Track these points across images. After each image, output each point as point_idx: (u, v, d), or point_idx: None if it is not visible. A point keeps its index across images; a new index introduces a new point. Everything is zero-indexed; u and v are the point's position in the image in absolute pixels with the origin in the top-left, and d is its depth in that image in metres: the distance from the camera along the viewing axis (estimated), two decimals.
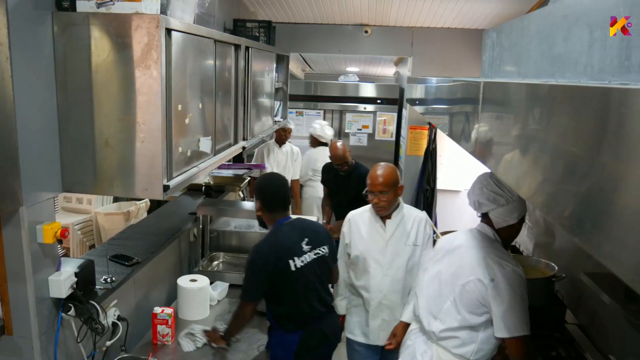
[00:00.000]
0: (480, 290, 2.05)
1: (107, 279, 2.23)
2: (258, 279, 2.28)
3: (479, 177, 2.22)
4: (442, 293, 2.19)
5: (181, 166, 2.07)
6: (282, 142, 5.03)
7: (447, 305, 2.15)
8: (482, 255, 2.09)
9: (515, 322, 2.03)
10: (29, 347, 1.83)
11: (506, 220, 2.14)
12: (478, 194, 2.15)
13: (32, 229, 1.77)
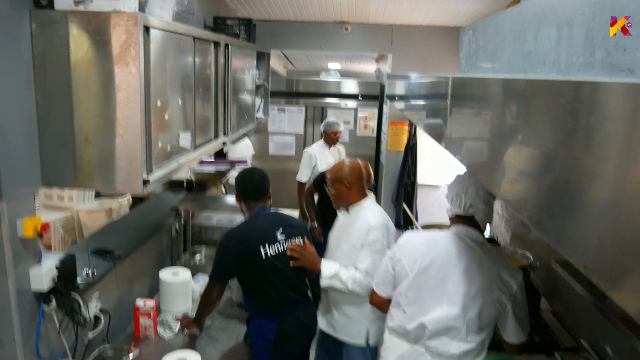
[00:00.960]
0: (499, 308, 2.00)
1: (88, 272, 2.26)
2: (225, 262, 2.37)
3: (469, 179, 2.12)
4: (455, 313, 2.00)
5: (161, 161, 2.11)
6: (332, 144, 4.77)
7: (465, 325, 2.01)
8: (495, 272, 2.01)
9: (526, 325, 2.08)
10: (11, 339, 1.86)
11: (489, 217, 2.14)
12: (474, 197, 2.07)
13: (12, 223, 1.80)
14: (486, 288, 1.98)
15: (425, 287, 2.04)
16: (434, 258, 2.06)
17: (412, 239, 2.17)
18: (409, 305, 2.07)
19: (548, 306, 3.06)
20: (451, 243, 2.08)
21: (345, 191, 2.65)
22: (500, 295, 1.98)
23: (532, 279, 3.19)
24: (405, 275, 2.09)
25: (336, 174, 2.69)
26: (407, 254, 2.12)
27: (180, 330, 2.58)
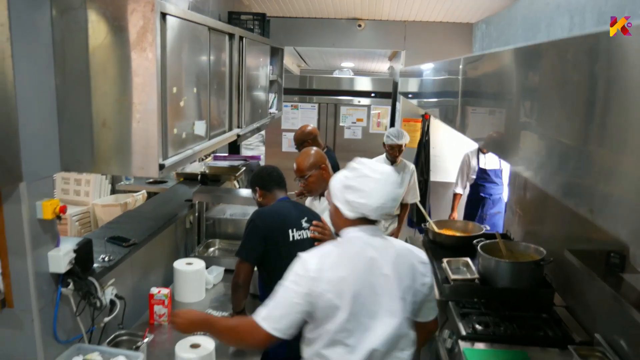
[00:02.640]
0: (424, 292, 1.87)
1: (104, 258, 2.29)
2: (255, 239, 2.38)
3: (383, 185, 1.79)
4: (398, 321, 1.77)
5: (176, 147, 2.13)
6: (394, 160, 4.31)
7: (409, 328, 1.84)
8: (409, 259, 1.85)
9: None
10: (29, 320, 1.90)
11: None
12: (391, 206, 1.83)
13: (31, 205, 1.83)
14: (410, 280, 1.81)
15: (362, 310, 1.74)
16: (359, 273, 1.75)
17: (323, 266, 1.75)
18: (349, 337, 1.74)
19: (561, 302, 3.04)
20: (368, 248, 1.79)
21: (322, 174, 2.74)
22: (423, 280, 1.84)
23: (546, 274, 3.17)
24: (336, 307, 1.71)
25: (308, 161, 2.76)
26: (330, 284, 1.72)
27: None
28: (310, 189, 2.78)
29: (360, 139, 5.55)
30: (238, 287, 2.44)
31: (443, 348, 2.79)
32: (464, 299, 2.93)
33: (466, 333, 2.60)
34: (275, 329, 1.73)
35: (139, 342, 2.20)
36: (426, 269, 1.88)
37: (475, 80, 1.97)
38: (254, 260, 2.41)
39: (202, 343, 2.13)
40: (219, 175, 3.98)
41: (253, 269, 2.44)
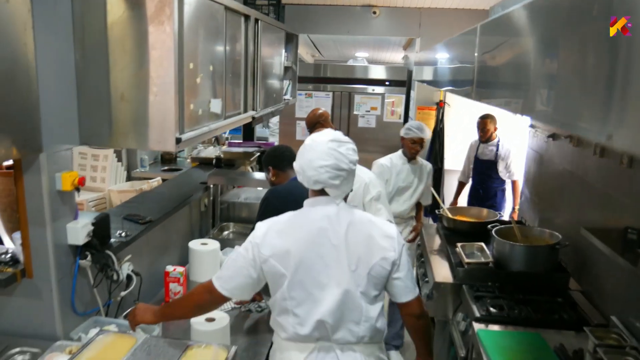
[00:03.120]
0: (388, 268, 1.81)
1: (121, 233, 2.32)
2: (269, 217, 2.37)
3: (313, 149, 1.83)
4: (347, 292, 1.76)
5: (193, 124, 2.15)
6: (413, 156, 3.95)
7: (362, 300, 1.79)
8: (368, 232, 1.82)
9: (412, 277, 1.92)
10: (48, 290, 1.93)
11: (349, 188, 1.89)
12: (322, 173, 1.80)
13: (51, 176, 1.86)
14: (364, 252, 1.77)
15: (309, 279, 1.75)
16: (306, 242, 1.76)
17: (270, 231, 1.80)
18: (298, 306, 1.76)
19: (577, 287, 3.02)
20: (321, 218, 1.79)
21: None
22: (384, 254, 1.79)
23: (561, 258, 3.15)
24: (281, 275, 1.75)
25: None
26: (273, 251, 1.76)
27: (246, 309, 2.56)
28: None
29: (374, 127, 5.54)
30: None
31: (456, 331, 2.79)
32: (478, 283, 2.92)
33: (480, 315, 2.59)
34: (224, 289, 1.83)
35: None
36: (390, 243, 1.81)
37: (492, 42, 1.95)
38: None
39: (217, 317, 2.15)
40: (233, 160, 4.00)
41: None
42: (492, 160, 4.69)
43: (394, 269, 1.82)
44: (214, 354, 1.80)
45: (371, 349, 1.86)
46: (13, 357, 1.91)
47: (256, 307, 2.56)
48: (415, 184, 3.98)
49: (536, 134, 3.94)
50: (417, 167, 4.00)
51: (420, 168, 4.03)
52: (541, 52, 1.50)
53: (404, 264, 1.85)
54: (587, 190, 2.96)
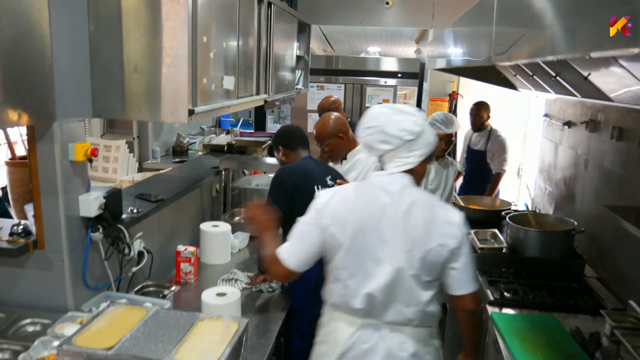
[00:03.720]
0: (447, 255, 1.73)
1: (132, 209, 2.31)
2: (281, 195, 2.37)
3: (368, 113, 1.81)
4: (399, 270, 1.71)
5: (205, 99, 2.14)
6: (438, 156, 3.57)
7: (413, 282, 1.73)
8: (431, 215, 1.73)
9: (473, 272, 1.81)
10: (60, 261, 1.93)
11: (406, 164, 1.76)
12: (368, 134, 1.77)
13: (64, 146, 1.86)
14: (422, 234, 1.70)
15: (364, 252, 1.73)
16: (366, 215, 1.73)
17: (330, 201, 1.79)
18: (350, 277, 1.75)
19: (592, 273, 2.97)
20: (381, 193, 1.75)
21: (340, 142, 2.79)
22: (442, 241, 1.71)
23: (576, 245, 3.10)
24: (339, 244, 1.74)
25: (325, 130, 2.77)
26: (333, 219, 1.75)
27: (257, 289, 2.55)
28: (329, 155, 2.79)
29: None
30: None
31: None
32: (492, 269, 2.88)
33: (494, 298, 2.55)
34: (290, 261, 1.80)
35: (165, 291, 2.21)
36: (452, 230, 1.72)
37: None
38: (281, 216, 2.40)
39: (228, 292, 2.13)
40: (245, 147, 3.99)
41: (280, 225, 2.43)
42: (481, 151, 4.59)
43: (452, 258, 1.73)
44: (225, 326, 1.78)
45: (421, 333, 1.80)
46: (24, 327, 1.90)
47: (267, 288, 2.54)
48: (443, 186, 3.63)
49: (551, 122, 3.89)
50: (444, 165, 3.61)
51: (447, 167, 3.63)
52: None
53: (463, 254, 1.75)
54: (604, 175, 2.92)
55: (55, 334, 1.79)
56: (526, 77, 3.24)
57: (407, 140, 1.72)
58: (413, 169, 1.77)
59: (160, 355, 1.59)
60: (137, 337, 1.69)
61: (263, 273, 2.53)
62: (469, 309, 1.83)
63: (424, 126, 1.76)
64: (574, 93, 2.76)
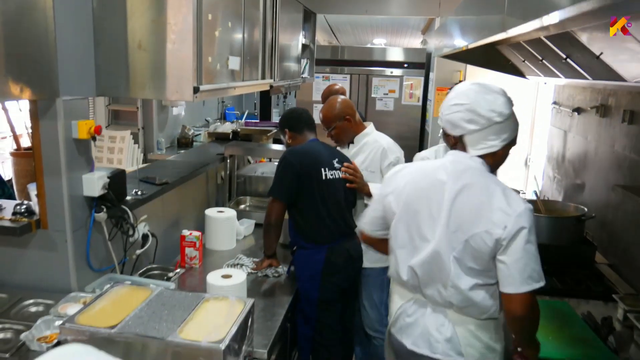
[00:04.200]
0: (490, 245, 1.59)
1: (137, 191, 2.28)
2: (287, 177, 2.34)
3: (455, 90, 1.76)
4: (439, 250, 1.66)
5: (210, 78, 2.11)
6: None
7: (453, 265, 1.65)
8: (484, 199, 1.63)
9: (530, 273, 1.60)
10: (63, 241, 1.90)
11: (491, 146, 1.68)
12: (454, 114, 1.69)
13: (67, 123, 1.83)
14: (470, 218, 1.62)
15: (413, 225, 1.72)
16: (421, 189, 1.72)
17: (400, 171, 1.83)
18: (399, 248, 1.77)
19: (603, 260, 2.92)
20: (442, 171, 1.70)
21: (347, 125, 2.71)
22: (489, 228, 1.58)
23: (587, 232, 3.06)
24: (393, 214, 1.78)
25: (332, 112, 2.71)
26: (394, 188, 1.79)
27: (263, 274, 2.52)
28: (336, 139, 2.74)
29: (392, 110, 5.46)
30: (270, 227, 2.40)
31: None
32: None
33: None
34: (362, 223, 1.97)
35: (170, 274, 2.18)
36: (503, 219, 1.56)
37: None
38: (287, 199, 2.37)
39: (233, 274, 2.10)
40: (250, 135, 3.96)
41: (285, 208, 2.40)
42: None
43: (499, 249, 1.59)
44: (231, 306, 1.74)
45: (463, 320, 1.71)
46: (27, 308, 1.88)
47: (273, 272, 2.51)
48: None
49: (560, 110, 3.84)
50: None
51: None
52: None
53: (515, 249, 1.57)
54: (616, 160, 2.87)
55: (58, 313, 1.76)
56: (535, 63, 3.19)
57: (495, 122, 1.64)
58: (495, 152, 1.69)
59: (164, 334, 1.56)
60: (140, 316, 1.66)
61: (269, 258, 2.50)
62: (513, 312, 1.63)
63: (512, 109, 1.70)
64: (585, 76, 2.71)
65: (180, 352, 1.53)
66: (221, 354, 1.50)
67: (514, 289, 1.60)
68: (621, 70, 2.25)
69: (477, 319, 1.71)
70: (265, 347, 1.91)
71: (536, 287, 1.60)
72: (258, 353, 1.87)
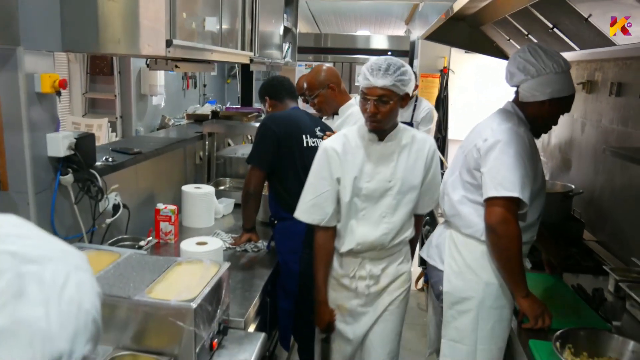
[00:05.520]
0: (476, 156, 1.81)
1: (107, 158, 2.16)
2: (266, 144, 2.23)
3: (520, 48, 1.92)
4: (455, 167, 1.95)
5: (185, 35, 2.00)
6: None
7: (452, 180, 1.94)
8: (486, 123, 1.89)
9: (500, 180, 1.70)
10: (25, 204, 1.76)
11: (533, 94, 1.80)
12: (511, 63, 1.86)
13: (29, 76, 1.70)
14: (473, 137, 1.90)
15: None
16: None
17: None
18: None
19: (591, 237, 2.87)
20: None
21: (331, 94, 2.63)
22: (477, 142, 1.84)
23: (574, 210, 3.01)
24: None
25: (317, 79, 2.62)
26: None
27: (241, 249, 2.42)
28: (319, 108, 2.64)
29: None
30: (249, 197, 2.29)
31: None
32: None
33: None
34: None
35: (142, 242, 2.06)
36: (488, 134, 1.82)
37: None
38: (267, 167, 2.26)
39: (209, 241, 1.99)
40: (230, 116, 3.84)
41: (265, 176, 2.29)
42: (407, 122, 4.37)
43: (481, 160, 1.85)
44: (204, 269, 1.63)
45: (452, 234, 1.96)
46: None
47: (252, 247, 2.40)
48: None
49: None
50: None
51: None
52: None
53: (490, 158, 1.78)
54: (603, 134, 2.82)
55: None
56: (521, 40, 3.14)
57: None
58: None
59: (130, 294, 1.44)
60: (106, 277, 1.54)
61: (248, 232, 2.39)
62: (486, 221, 1.76)
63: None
64: (572, 47, 2.66)
65: (149, 313, 1.42)
66: (192, 313, 1.39)
67: (485, 195, 1.74)
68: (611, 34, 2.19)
69: (461, 233, 1.88)
70: (242, 317, 1.80)
71: (506, 194, 1.68)
72: (234, 322, 1.76)
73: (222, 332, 1.62)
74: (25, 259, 0.47)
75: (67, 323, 0.47)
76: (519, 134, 1.77)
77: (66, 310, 0.47)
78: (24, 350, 0.44)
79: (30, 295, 0.46)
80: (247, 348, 1.64)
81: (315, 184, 1.94)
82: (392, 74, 1.79)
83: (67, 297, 0.48)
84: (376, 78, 1.78)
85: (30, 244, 0.49)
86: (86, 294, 0.50)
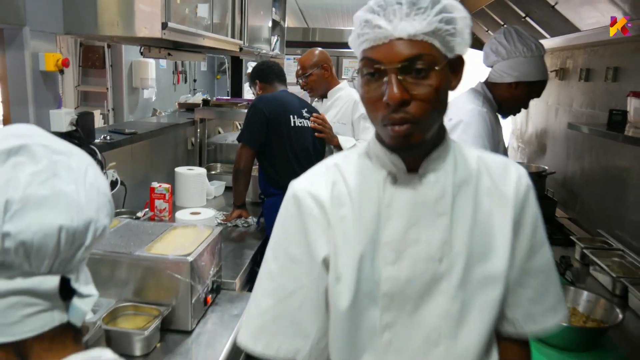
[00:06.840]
0: None
1: (105, 136, 2.29)
2: (257, 123, 2.36)
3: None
4: None
5: (179, 20, 2.13)
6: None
7: None
8: (454, 102, 1.83)
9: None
10: None
11: (501, 75, 1.84)
12: (487, 44, 1.89)
13: (34, 55, 1.83)
14: None
15: None
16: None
17: None
18: None
19: (563, 215, 3.04)
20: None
21: (324, 74, 2.76)
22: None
23: (547, 189, 3.17)
24: None
25: (312, 58, 2.75)
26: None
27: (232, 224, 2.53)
28: (311, 87, 2.78)
29: None
30: (239, 173, 2.43)
31: None
32: None
33: None
34: None
35: (139, 213, 2.19)
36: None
37: None
38: (256, 145, 2.40)
39: (202, 212, 2.12)
40: (221, 105, 3.97)
41: (255, 154, 2.43)
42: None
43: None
44: (199, 231, 1.77)
45: None
46: None
47: (243, 223, 2.54)
48: None
49: None
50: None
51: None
52: None
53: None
54: (574, 118, 2.99)
55: None
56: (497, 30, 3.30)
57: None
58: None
59: (131, 250, 1.57)
60: (107, 238, 1.67)
61: (239, 208, 2.52)
62: None
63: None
64: (544, 35, 2.82)
65: (148, 267, 1.55)
66: (188, 266, 1.53)
67: None
68: (576, 20, 2.36)
69: None
70: (233, 279, 1.94)
71: None
72: (227, 284, 1.90)
73: (216, 291, 1.76)
74: (55, 150, 0.61)
75: (91, 199, 0.61)
76: (481, 114, 1.81)
77: (89, 190, 0.61)
78: (64, 214, 0.57)
79: (63, 176, 0.59)
80: (239, 305, 1.77)
81: (276, 274, 0.96)
82: (431, 8, 0.81)
83: (89, 181, 0.61)
84: (397, 19, 0.81)
85: (55, 141, 0.62)
86: (102, 182, 0.64)
